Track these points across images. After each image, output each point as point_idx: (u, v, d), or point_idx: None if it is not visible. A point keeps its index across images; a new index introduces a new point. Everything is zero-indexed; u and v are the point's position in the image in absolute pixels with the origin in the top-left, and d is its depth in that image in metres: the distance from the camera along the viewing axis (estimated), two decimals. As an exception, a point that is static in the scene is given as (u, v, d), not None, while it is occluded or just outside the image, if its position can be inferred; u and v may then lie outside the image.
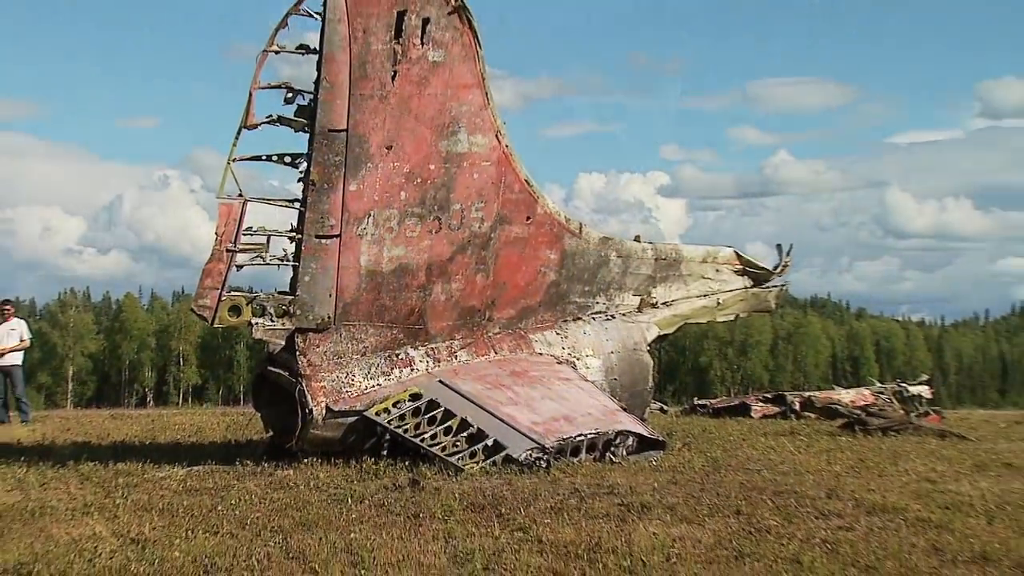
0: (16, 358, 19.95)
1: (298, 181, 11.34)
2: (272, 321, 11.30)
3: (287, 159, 11.37)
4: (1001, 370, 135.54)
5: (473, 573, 6.60)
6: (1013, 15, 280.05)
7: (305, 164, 11.23)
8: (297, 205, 11.28)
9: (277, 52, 11.00)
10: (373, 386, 11.67)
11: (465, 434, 11.10)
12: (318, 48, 11.01)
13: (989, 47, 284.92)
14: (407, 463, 10.81)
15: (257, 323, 11.26)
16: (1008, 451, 14.18)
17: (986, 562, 7.02)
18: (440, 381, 11.88)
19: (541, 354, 13.28)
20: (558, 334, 13.65)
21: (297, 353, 11.28)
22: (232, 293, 11.17)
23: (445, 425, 11.19)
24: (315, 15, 10.93)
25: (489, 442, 10.99)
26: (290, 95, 11.15)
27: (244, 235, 11.11)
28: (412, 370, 12.00)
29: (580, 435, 11.66)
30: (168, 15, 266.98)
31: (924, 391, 23.77)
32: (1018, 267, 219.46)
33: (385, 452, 11.24)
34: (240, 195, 11.07)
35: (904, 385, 24.49)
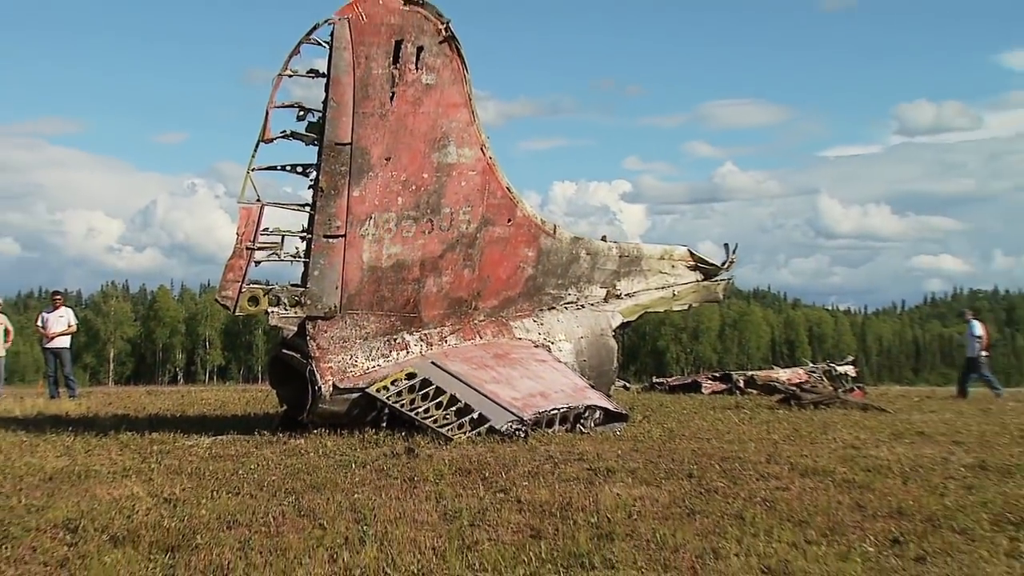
0: (65, 341, 19.93)
1: (308, 188, 11.33)
2: (286, 310, 11.30)
3: (299, 169, 11.36)
4: (915, 352, 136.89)
5: (461, 528, 6.63)
6: (925, 46, 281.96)
7: (315, 173, 11.21)
8: (308, 209, 11.27)
9: (290, 76, 11.00)
10: (374, 367, 11.69)
11: (454, 408, 11.13)
12: (326, 72, 11.00)
13: (905, 73, 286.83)
14: (403, 433, 10.84)
15: (273, 312, 11.26)
16: (920, 421, 14.33)
17: (901, 517, 7.10)
18: (432, 362, 11.90)
19: (520, 339, 13.31)
20: (535, 321, 13.68)
21: (308, 338, 11.29)
22: (251, 285, 11.18)
23: (436, 400, 11.21)
24: (323, 44, 10.95)
25: (475, 415, 11.02)
26: (302, 113, 11.17)
27: (262, 235, 11.13)
28: (408, 353, 12.02)
29: (554, 409, 11.71)
30: (195, 45, 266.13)
31: (849, 370, 23.86)
32: (929, 264, 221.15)
33: (384, 424, 11.29)
34: (258, 200, 11.09)
35: (832, 365, 24.57)
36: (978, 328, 23.44)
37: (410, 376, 11.54)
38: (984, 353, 23.34)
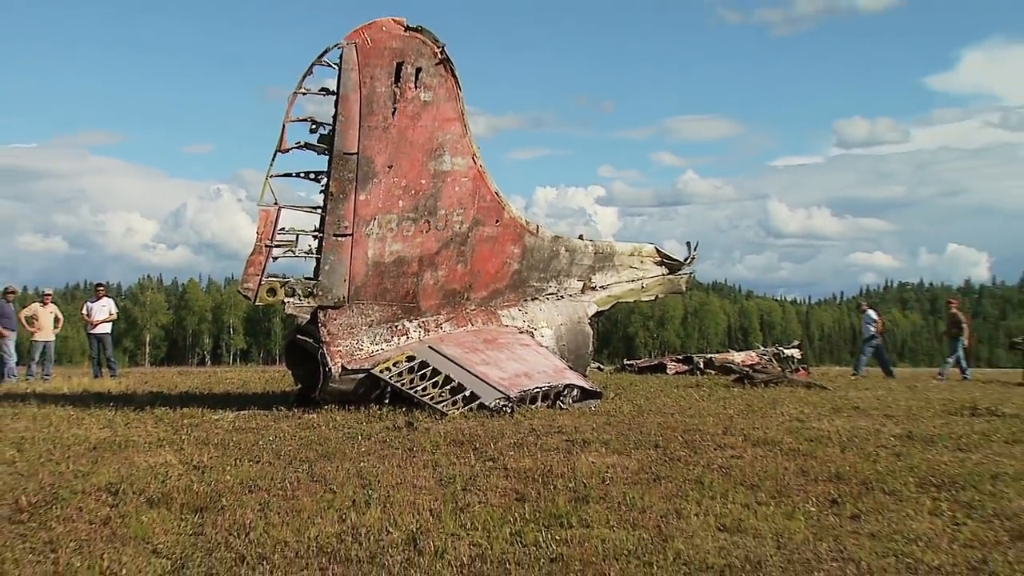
0: (107, 328, 19.95)
1: (320, 192, 11.27)
2: (300, 300, 11.25)
3: (312, 175, 11.29)
4: (852, 337, 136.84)
5: (454, 493, 6.63)
6: (860, 70, 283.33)
7: (325, 179, 11.16)
8: (319, 211, 11.22)
9: (304, 93, 10.93)
10: (377, 350, 11.66)
11: (448, 387, 11.12)
12: (336, 90, 10.95)
13: (843, 93, 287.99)
14: (404, 409, 10.82)
15: (289, 302, 11.21)
16: (857, 398, 14.39)
17: (839, 480, 7.15)
18: (429, 346, 11.88)
19: (507, 326, 13.30)
20: (520, 310, 13.67)
21: (319, 325, 11.26)
22: (269, 278, 11.14)
23: (433, 380, 11.21)
24: (333, 65, 10.90)
25: (467, 393, 11.01)
26: (314, 126, 11.12)
27: (279, 234, 11.08)
28: (407, 338, 12.00)
29: (536, 388, 11.72)
30: (220, 66, 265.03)
31: (795, 353, 23.94)
32: (864, 260, 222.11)
33: (387, 401, 11.26)
34: (276, 203, 11.03)
35: (780, 349, 24.66)
36: (873, 316, 23.72)
37: (410, 359, 11.52)
38: (877, 338, 23.51)
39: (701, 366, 22.67)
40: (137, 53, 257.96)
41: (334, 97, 10.97)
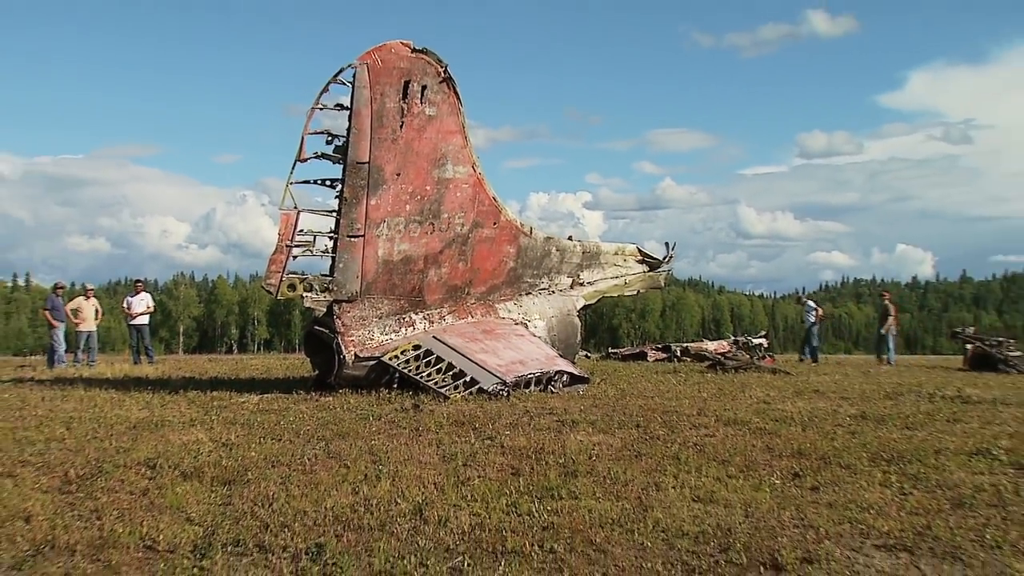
0: (145, 319, 20.02)
1: (335, 198, 11.25)
2: (317, 295, 11.23)
3: (328, 182, 11.27)
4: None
5: (456, 468, 6.62)
6: (820, 88, 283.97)
7: (340, 186, 11.14)
8: (334, 214, 11.20)
9: (321, 109, 10.90)
10: (387, 340, 11.65)
11: (451, 373, 11.11)
12: (349, 106, 10.92)
13: (804, 109, 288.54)
14: (410, 393, 10.82)
15: (307, 296, 11.20)
16: (817, 382, 14.44)
17: (801, 456, 7.15)
18: (434, 336, 11.87)
19: (503, 318, 13.29)
20: (515, 304, 13.66)
21: (335, 317, 11.25)
22: (290, 275, 11.11)
23: (437, 367, 11.20)
24: (347, 83, 10.88)
25: (467, 378, 11.00)
26: (330, 138, 11.09)
27: (298, 235, 11.04)
28: (413, 329, 11.98)
29: (530, 373, 11.71)
30: (245, 84, 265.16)
31: (762, 342, 24.02)
32: (823, 259, 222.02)
33: (395, 385, 11.24)
34: (295, 208, 10.99)
35: (749, 338, 24.73)
36: (812, 306, 23.84)
37: (416, 347, 11.51)
38: (816, 327, 23.67)
39: (678, 354, 22.72)
40: (172, 74, 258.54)
41: (348, 112, 10.95)
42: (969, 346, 21.26)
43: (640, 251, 17.01)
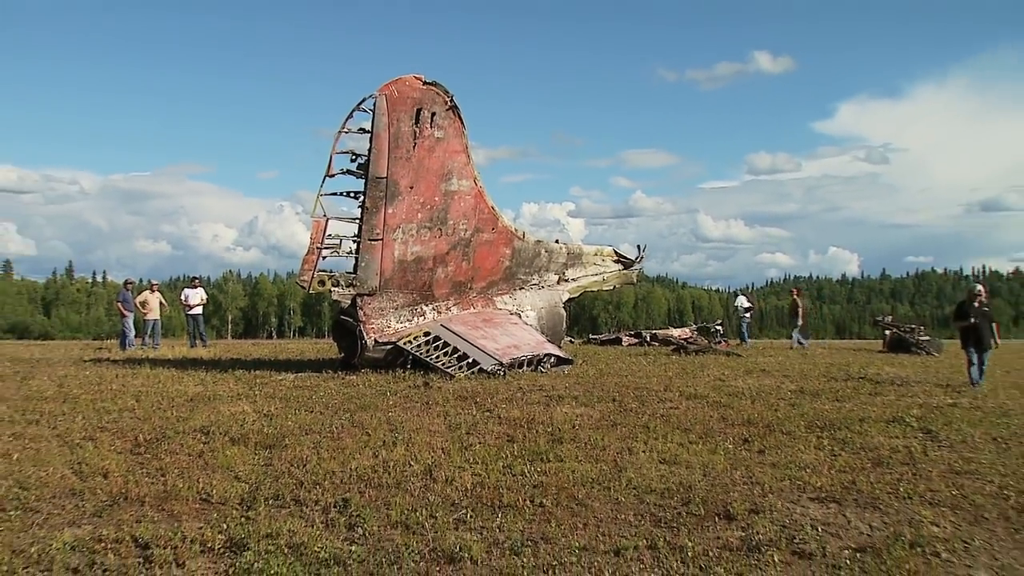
0: (199, 310, 19.88)
1: (358, 207, 11.19)
2: (343, 289, 11.19)
3: (352, 194, 11.22)
4: (760, 317, 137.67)
5: (460, 436, 6.62)
6: (765, 115, 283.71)
7: (362, 197, 11.09)
8: (358, 221, 11.14)
9: (347, 132, 10.84)
10: (402, 327, 11.60)
11: (456, 356, 11.07)
12: (370, 129, 10.87)
13: (752, 132, 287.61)
14: (422, 373, 10.79)
15: (335, 290, 11.14)
16: (764, 363, 14.45)
17: (750, 424, 7.18)
18: (441, 325, 11.82)
19: (500, 309, 13.26)
20: (510, 297, 13.62)
21: (358, 308, 11.19)
22: (320, 273, 11.06)
23: (444, 350, 11.16)
24: (368, 111, 10.83)
25: (470, 360, 10.97)
26: (354, 157, 11.03)
27: (327, 239, 10.99)
28: (424, 318, 11.94)
29: (523, 356, 11.68)
30: (282, 112, 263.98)
31: (719, 329, 24.00)
32: (769, 259, 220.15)
33: (409, 366, 11.20)
34: (325, 216, 10.94)
35: (708, 325, 24.68)
36: (744, 301, 23.64)
37: (426, 334, 11.46)
38: (748, 318, 23.11)
39: (648, 339, 22.66)
40: (223, 105, 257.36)
41: (369, 135, 10.89)
42: (888, 332, 21.29)
43: (616, 252, 16.98)
